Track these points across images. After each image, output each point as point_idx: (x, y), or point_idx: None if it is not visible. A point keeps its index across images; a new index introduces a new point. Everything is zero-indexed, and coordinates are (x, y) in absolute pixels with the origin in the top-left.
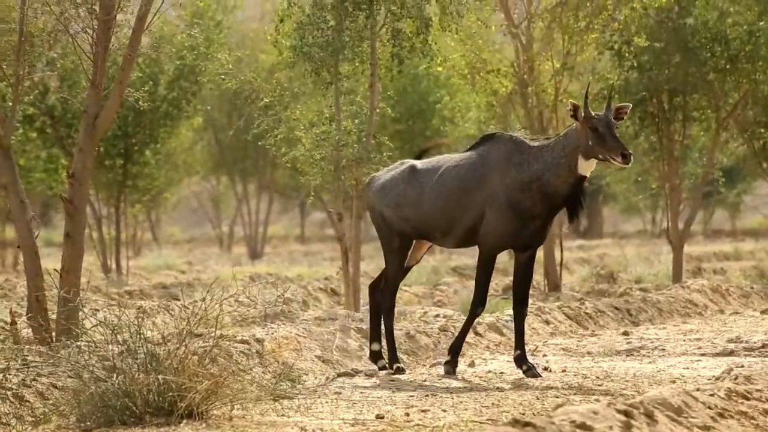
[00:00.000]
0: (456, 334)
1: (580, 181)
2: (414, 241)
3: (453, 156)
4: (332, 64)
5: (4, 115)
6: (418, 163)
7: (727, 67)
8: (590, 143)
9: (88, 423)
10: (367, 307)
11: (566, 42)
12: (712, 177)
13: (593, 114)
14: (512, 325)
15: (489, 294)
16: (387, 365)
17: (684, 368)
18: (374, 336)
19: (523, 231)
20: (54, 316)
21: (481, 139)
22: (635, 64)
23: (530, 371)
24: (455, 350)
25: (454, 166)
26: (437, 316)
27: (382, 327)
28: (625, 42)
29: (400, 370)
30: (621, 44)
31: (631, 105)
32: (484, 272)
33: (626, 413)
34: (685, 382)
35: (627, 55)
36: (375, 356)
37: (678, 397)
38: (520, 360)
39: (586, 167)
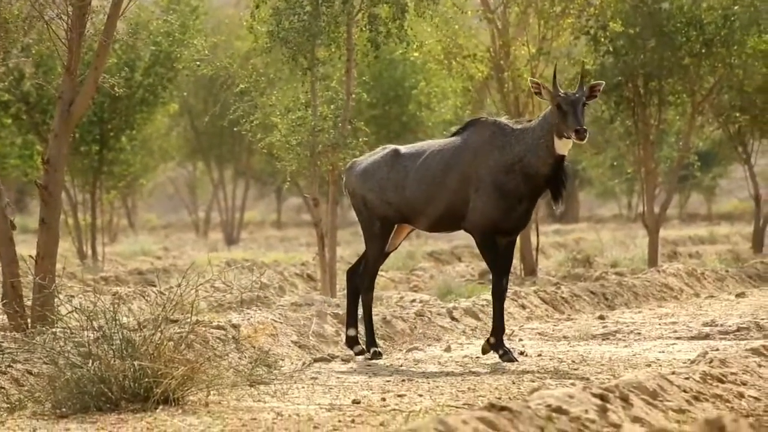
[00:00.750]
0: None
1: (559, 161)
2: (395, 226)
3: (437, 141)
4: (309, 49)
5: None
6: (402, 148)
7: (703, 51)
8: (556, 121)
9: (64, 409)
10: (344, 292)
11: (542, 27)
12: (687, 161)
13: (559, 92)
14: (489, 309)
15: (464, 278)
16: (363, 350)
17: (659, 352)
18: (351, 321)
19: (510, 213)
20: (29, 303)
21: (465, 124)
22: (611, 49)
23: (506, 356)
24: (499, 333)
25: (438, 150)
26: (413, 301)
27: (359, 312)
28: (600, 27)
29: (378, 355)
30: (597, 29)
31: (604, 83)
32: (488, 252)
33: (602, 397)
34: (660, 365)
35: (602, 40)
36: (351, 341)
37: (653, 380)
38: (497, 345)
39: (562, 146)
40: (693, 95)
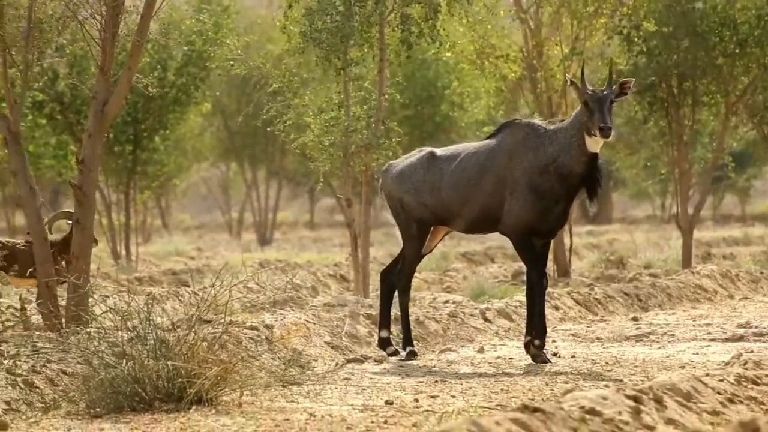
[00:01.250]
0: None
1: (592, 159)
2: (431, 228)
3: (473, 143)
4: (341, 49)
5: (14, 102)
6: (438, 150)
7: (736, 51)
8: (585, 119)
9: (98, 409)
10: (377, 293)
11: (575, 27)
12: (721, 162)
13: (587, 89)
14: (522, 311)
15: (497, 279)
16: (397, 351)
17: (693, 354)
18: (384, 323)
19: (546, 215)
20: (64, 303)
21: (500, 127)
22: (644, 49)
23: (539, 357)
24: (530, 331)
25: (473, 152)
26: (446, 302)
27: (392, 314)
28: (633, 27)
29: (413, 354)
30: (630, 29)
31: (634, 80)
32: (526, 252)
33: (635, 399)
34: (694, 367)
35: (636, 39)
36: (384, 343)
37: (687, 382)
38: (531, 346)
39: (593, 144)
40: (727, 95)
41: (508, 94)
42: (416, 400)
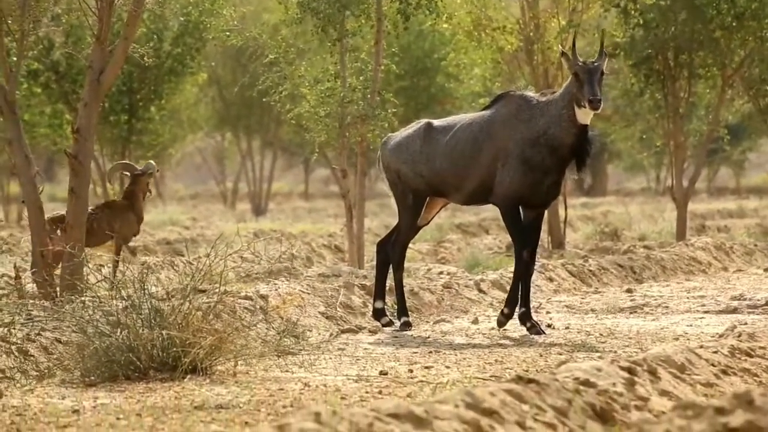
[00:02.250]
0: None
1: (582, 131)
2: (427, 199)
3: (469, 114)
4: (338, 20)
5: (9, 71)
6: (435, 121)
7: (733, 24)
8: (574, 90)
9: (92, 377)
10: (372, 264)
11: None
12: (717, 134)
13: (578, 61)
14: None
15: (492, 251)
16: (391, 321)
17: (687, 325)
18: (379, 293)
19: (538, 187)
20: (58, 271)
21: (494, 98)
22: (641, 22)
23: (534, 328)
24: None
25: (468, 123)
26: (441, 273)
27: (387, 284)
28: None
29: (407, 325)
30: (627, 1)
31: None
32: (512, 223)
33: (629, 370)
34: (688, 339)
35: (633, 12)
36: (379, 313)
37: (681, 354)
38: (525, 317)
39: (583, 115)
40: (723, 68)
41: (505, 66)
42: (411, 371)
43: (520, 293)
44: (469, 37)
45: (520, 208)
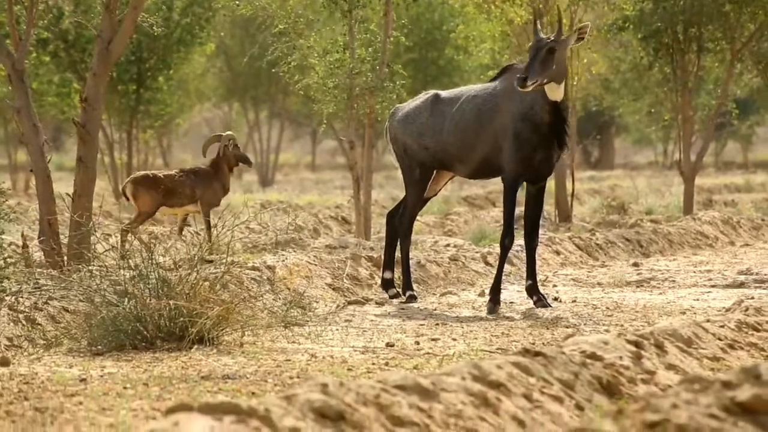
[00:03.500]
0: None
1: (555, 107)
2: (435, 172)
3: (474, 86)
4: None
5: (18, 39)
6: (443, 93)
7: None
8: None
9: (99, 347)
10: (380, 236)
11: None
12: (725, 109)
13: (536, 37)
14: (523, 255)
15: (499, 224)
16: (398, 293)
17: (694, 300)
18: (387, 264)
19: (528, 162)
20: (66, 240)
21: (500, 71)
22: None
23: (540, 302)
24: (495, 289)
25: (473, 96)
26: (448, 245)
27: (396, 256)
28: None
29: (413, 298)
30: None
31: (589, 24)
32: (506, 204)
33: (636, 344)
34: (695, 313)
35: None
36: (387, 284)
37: (688, 328)
38: (531, 290)
39: (551, 92)
40: (732, 42)
41: (514, 38)
42: (417, 343)
43: (527, 265)
44: (479, 9)
45: (525, 182)
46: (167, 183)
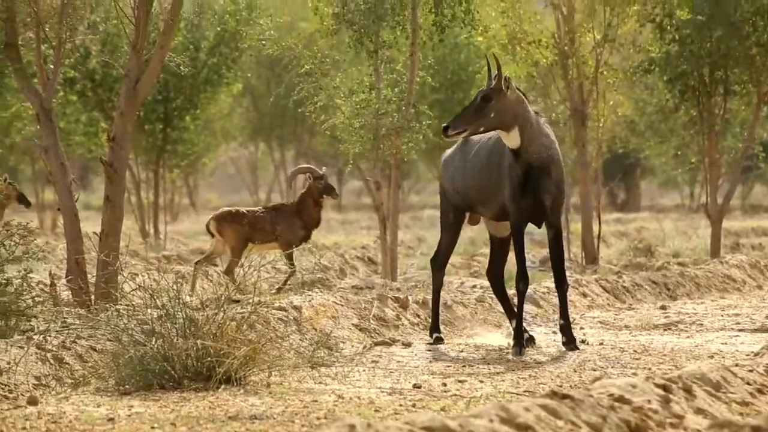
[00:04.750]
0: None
1: (516, 154)
2: (466, 215)
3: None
4: (374, 31)
5: (46, 78)
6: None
7: None
8: None
9: (127, 386)
10: (405, 276)
11: (608, 14)
12: (751, 152)
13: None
14: (549, 297)
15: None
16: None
17: (722, 343)
18: (508, 314)
19: (523, 205)
20: (93, 279)
21: None
22: (677, 37)
23: (569, 344)
24: (517, 332)
25: (488, 138)
26: (474, 286)
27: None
28: (667, 15)
29: (439, 340)
30: (663, 17)
31: (507, 74)
32: (514, 247)
33: (665, 387)
34: (723, 357)
35: (668, 27)
36: (519, 335)
37: (717, 372)
38: (563, 329)
39: (504, 139)
40: (759, 85)
41: (540, 80)
42: (444, 384)
43: (559, 308)
44: (504, 50)
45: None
46: (250, 218)
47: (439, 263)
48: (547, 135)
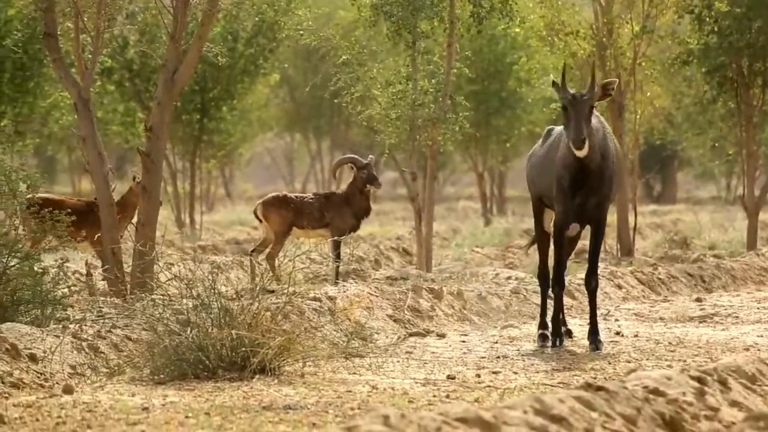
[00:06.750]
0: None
1: (580, 162)
2: (545, 209)
3: None
4: (412, 23)
5: (84, 68)
6: (555, 128)
7: None
8: (565, 124)
9: (162, 375)
10: (439, 267)
11: (646, 5)
12: None
13: (567, 93)
14: (583, 289)
15: None
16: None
17: (758, 336)
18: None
19: (566, 206)
20: (129, 269)
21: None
22: (715, 29)
23: (593, 344)
24: (555, 324)
25: (557, 133)
26: (509, 278)
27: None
28: (705, 6)
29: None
30: (702, 8)
31: (617, 81)
32: (555, 245)
33: (700, 380)
34: (758, 349)
35: (707, 19)
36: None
37: (752, 364)
38: (589, 333)
39: (577, 150)
40: None
41: (577, 71)
42: (478, 376)
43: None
44: (542, 41)
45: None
46: (297, 204)
47: (544, 257)
48: (598, 129)
